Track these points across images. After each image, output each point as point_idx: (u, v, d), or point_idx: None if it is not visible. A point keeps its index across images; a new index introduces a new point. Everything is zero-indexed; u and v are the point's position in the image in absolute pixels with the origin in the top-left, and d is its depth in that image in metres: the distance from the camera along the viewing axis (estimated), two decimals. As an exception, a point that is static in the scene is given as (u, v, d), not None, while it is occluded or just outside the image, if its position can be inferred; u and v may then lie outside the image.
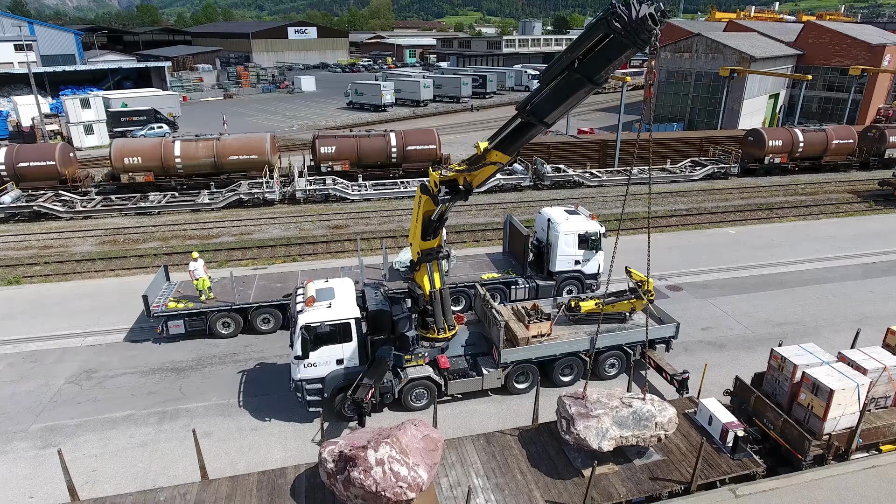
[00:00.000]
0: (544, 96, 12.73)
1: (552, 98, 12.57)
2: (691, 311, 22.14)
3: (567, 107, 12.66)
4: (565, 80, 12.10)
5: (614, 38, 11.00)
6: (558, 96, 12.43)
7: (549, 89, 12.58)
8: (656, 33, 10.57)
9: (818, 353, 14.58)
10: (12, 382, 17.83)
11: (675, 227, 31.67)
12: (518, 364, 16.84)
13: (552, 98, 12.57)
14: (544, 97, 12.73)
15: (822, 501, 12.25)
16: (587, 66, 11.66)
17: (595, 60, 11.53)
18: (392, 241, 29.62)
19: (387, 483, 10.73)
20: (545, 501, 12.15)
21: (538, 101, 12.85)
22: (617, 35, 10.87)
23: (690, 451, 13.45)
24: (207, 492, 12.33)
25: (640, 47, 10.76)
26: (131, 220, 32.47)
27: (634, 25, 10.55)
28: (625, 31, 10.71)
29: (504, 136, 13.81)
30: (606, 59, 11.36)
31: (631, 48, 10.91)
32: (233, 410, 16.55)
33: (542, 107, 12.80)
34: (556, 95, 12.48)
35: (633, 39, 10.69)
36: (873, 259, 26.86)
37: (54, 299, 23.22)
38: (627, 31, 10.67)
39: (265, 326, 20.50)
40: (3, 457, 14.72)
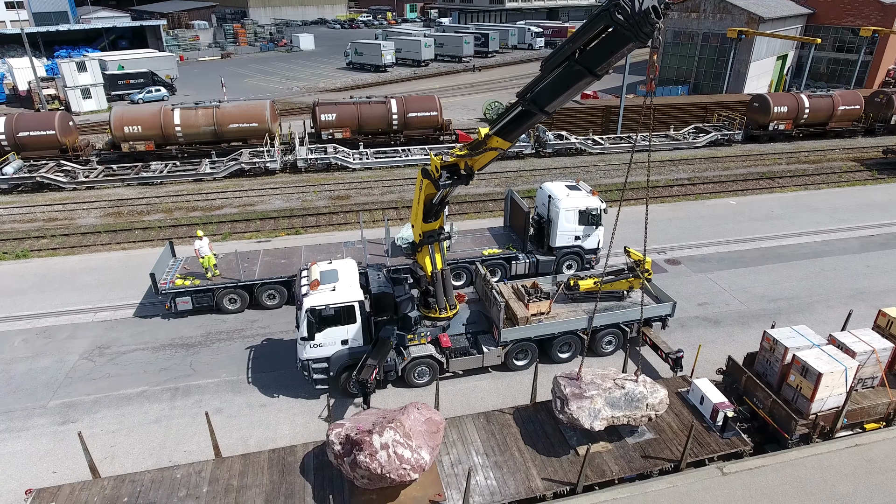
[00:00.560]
0: (545, 85, 12.69)
1: (553, 88, 12.55)
2: (689, 286, 22.52)
3: (568, 97, 12.65)
4: (566, 70, 12.06)
5: (616, 30, 10.93)
6: (559, 86, 12.40)
7: (551, 79, 12.55)
8: (659, 27, 10.49)
9: (809, 335, 14.99)
10: (28, 359, 18.42)
11: (676, 197, 31.73)
12: (517, 342, 17.33)
13: (553, 88, 12.55)
14: (545, 86, 12.69)
15: (805, 479, 12.89)
16: (588, 58, 11.61)
17: (596, 52, 11.47)
18: (394, 212, 29.82)
19: (391, 465, 11.33)
20: (541, 479, 12.79)
21: (539, 90, 12.82)
22: (619, 27, 10.80)
23: (682, 429, 14.05)
24: (221, 469, 12.99)
25: (643, 41, 10.69)
26: (134, 190, 32.60)
27: (637, 18, 10.46)
28: (627, 24, 10.62)
29: (504, 122, 13.85)
30: (608, 52, 11.30)
31: (633, 41, 10.84)
32: (242, 387, 17.17)
33: (543, 96, 12.78)
34: (556, 85, 12.45)
35: (636, 32, 10.61)
36: (872, 232, 27.04)
37: (62, 274, 23.64)
38: (630, 23, 10.58)
39: (271, 302, 20.96)
40: (24, 433, 15.41)
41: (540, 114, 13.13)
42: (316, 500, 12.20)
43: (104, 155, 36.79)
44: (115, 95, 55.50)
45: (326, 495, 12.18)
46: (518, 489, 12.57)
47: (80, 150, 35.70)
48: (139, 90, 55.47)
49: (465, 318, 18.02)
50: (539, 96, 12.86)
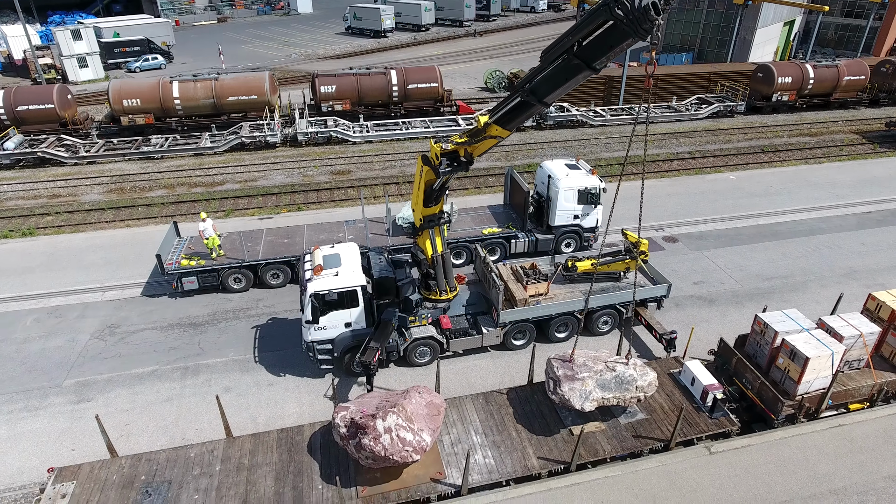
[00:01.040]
0: (544, 76, 12.76)
1: (551, 80, 12.62)
2: (685, 264, 22.89)
3: (566, 89, 12.74)
4: (564, 63, 12.11)
5: (616, 25, 10.97)
6: (557, 79, 12.48)
7: (550, 70, 12.61)
8: (658, 23, 10.52)
9: (799, 319, 15.44)
10: (41, 338, 18.98)
11: (676, 171, 31.79)
12: (516, 323, 17.82)
13: (551, 80, 12.62)
14: (544, 77, 12.77)
15: (788, 458, 13.52)
16: (586, 52, 11.66)
17: (595, 46, 11.52)
18: (394, 187, 29.98)
19: (394, 448, 11.93)
20: (537, 458, 13.44)
21: (538, 81, 12.90)
22: (619, 22, 10.84)
23: (672, 410, 14.64)
24: (232, 448, 13.64)
25: (642, 37, 10.75)
26: (135, 165, 32.69)
27: (637, 14, 10.49)
28: (627, 20, 10.65)
29: (504, 112, 13.97)
30: (606, 46, 11.36)
31: (632, 37, 10.90)
32: (249, 366, 17.75)
33: (542, 87, 12.87)
34: (555, 77, 12.53)
35: (635, 28, 10.65)
36: (869, 208, 27.24)
37: (69, 252, 24.03)
38: (630, 19, 10.61)
39: (275, 281, 21.39)
40: (42, 411, 16.07)
41: (538, 105, 13.25)
42: (323, 479, 12.87)
43: (104, 128, 36.68)
44: (111, 64, 54.81)
45: (333, 473, 12.83)
46: (515, 468, 13.21)
47: (79, 123, 35.61)
48: (136, 58, 54.79)
49: (465, 300, 18.45)
50: (538, 87, 12.96)
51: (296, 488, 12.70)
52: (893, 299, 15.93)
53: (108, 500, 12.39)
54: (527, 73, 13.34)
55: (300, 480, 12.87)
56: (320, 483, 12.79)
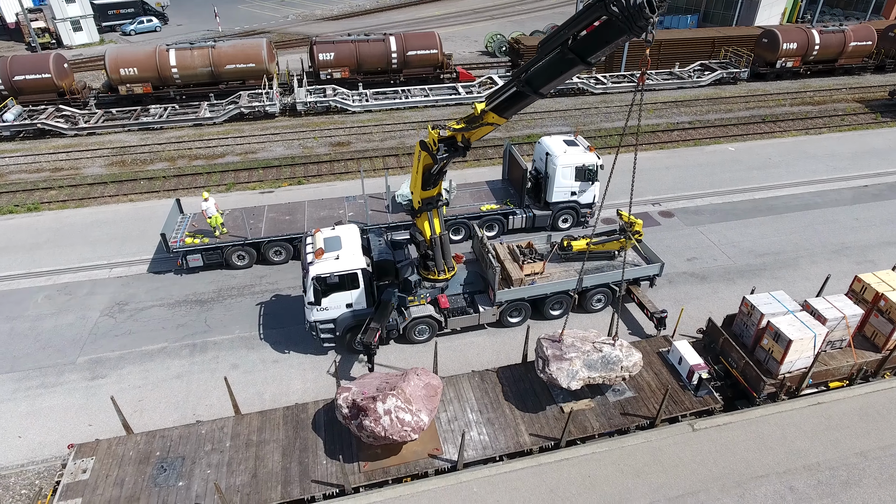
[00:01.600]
0: (540, 67, 12.87)
1: (547, 71, 12.74)
2: (680, 240, 23.29)
3: (560, 81, 12.89)
4: (559, 56, 12.22)
5: (610, 21, 11.04)
6: (552, 71, 12.60)
7: (545, 62, 12.71)
8: (653, 22, 10.60)
9: (785, 301, 15.95)
10: (52, 315, 19.63)
11: (676, 143, 31.79)
12: (512, 302, 18.38)
13: (547, 71, 12.74)
14: (540, 68, 12.87)
15: (767, 435, 14.27)
16: (581, 46, 11.75)
17: (589, 41, 11.61)
18: (394, 160, 30.11)
19: (394, 429, 12.66)
20: (529, 434, 14.20)
21: (534, 72, 13.02)
22: (614, 18, 10.91)
23: (659, 388, 15.33)
24: (241, 425, 14.41)
25: (637, 34, 10.83)
26: (135, 136, 32.74)
27: (632, 11, 10.55)
28: (622, 16, 10.72)
29: (500, 100, 14.13)
30: (601, 42, 11.45)
31: (626, 34, 10.99)
32: (255, 343, 18.43)
33: (538, 78, 12.99)
34: (550, 69, 12.64)
35: (630, 25, 10.73)
36: (866, 182, 27.41)
37: (75, 227, 24.46)
38: (625, 15, 10.68)
39: (277, 258, 21.89)
40: (59, 388, 16.84)
41: (534, 95, 13.41)
42: (327, 454, 13.67)
43: (102, 97, 36.52)
44: (105, 27, 53.88)
45: (336, 449, 13.63)
46: (508, 444, 14.00)
47: (77, 92, 35.45)
48: (130, 20, 53.79)
49: (463, 279, 18.96)
50: (533, 78, 13.08)
51: (302, 463, 13.51)
52: (878, 281, 16.40)
53: (126, 474, 13.23)
54: (524, 64, 13.44)
55: (306, 456, 13.67)
56: (325, 458, 13.59)
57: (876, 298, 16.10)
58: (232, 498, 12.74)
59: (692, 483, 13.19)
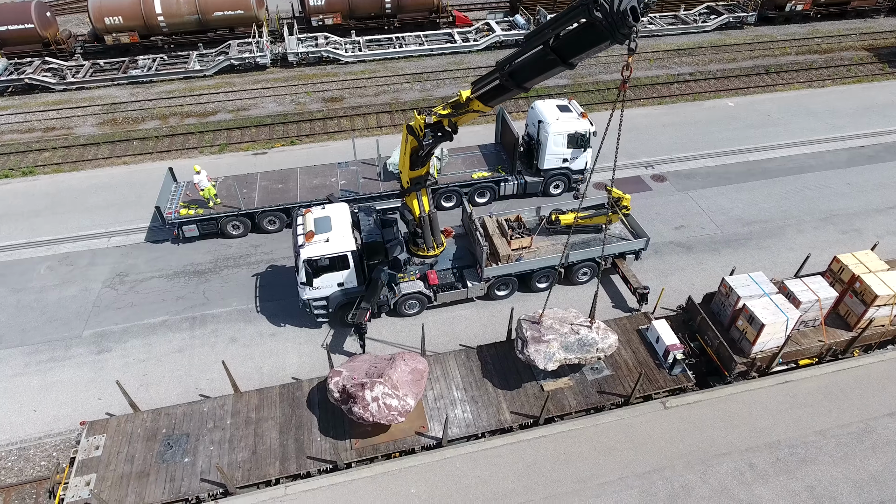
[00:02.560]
0: (523, 62, 12.67)
1: (528, 67, 12.56)
2: (670, 206, 23.46)
3: (544, 78, 12.75)
4: (541, 54, 12.02)
5: (593, 25, 10.82)
6: (534, 67, 12.43)
7: (528, 57, 12.51)
8: (636, 30, 10.38)
9: (763, 283, 16.38)
10: (56, 287, 20.30)
11: (675, 97, 31.17)
12: (499, 277, 18.90)
13: (528, 67, 12.56)
14: (522, 63, 12.68)
15: (734, 413, 15.17)
16: (562, 47, 11.56)
17: (571, 44, 11.41)
18: (387, 116, 29.77)
19: (381, 414, 13.55)
20: (510, 412, 15.13)
21: (517, 65, 12.83)
22: (597, 23, 10.68)
23: (636, 366, 16.12)
24: (241, 403, 15.37)
25: (619, 41, 10.62)
26: (125, 91, 32.21)
27: (616, 18, 10.32)
28: (605, 22, 10.49)
29: (485, 91, 14.00)
30: (582, 45, 11.27)
31: (608, 40, 10.80)
32: (252, 316, 19.16)
33: (521, 73, 12.83)
34: (532, 66, 12.46)
35: (613, 32, 10.52)
36: (863, 142, 27.11)
37: (70, 193, 24.70)
38: (608, 21, 10.45)
39: (271, 227, 22.26)
40: (67, 362, 17.75)
41: (517, 89, 13.29)
42: (321, 431, 14.67)
43: (88, 48, 35.56)
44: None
45: (329, 427, 14.64)
46: (490, 422, 14.95)
47: (62, 42, 34.50)
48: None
49: (452, 254, 19.39)
50: (517, 72, 12.91)
51: (298, 440, 14.54)
52: (856, 262, 16.79)
53: (136, 451, 14.30)
54: (508, 55, 13.22)
55: (301, 433, 14.69)
56: (319, 436, 14.61)
57: (852, 280, 16.55)
58: (234, 474, 13.85)
59: (660, 460, 14.21)
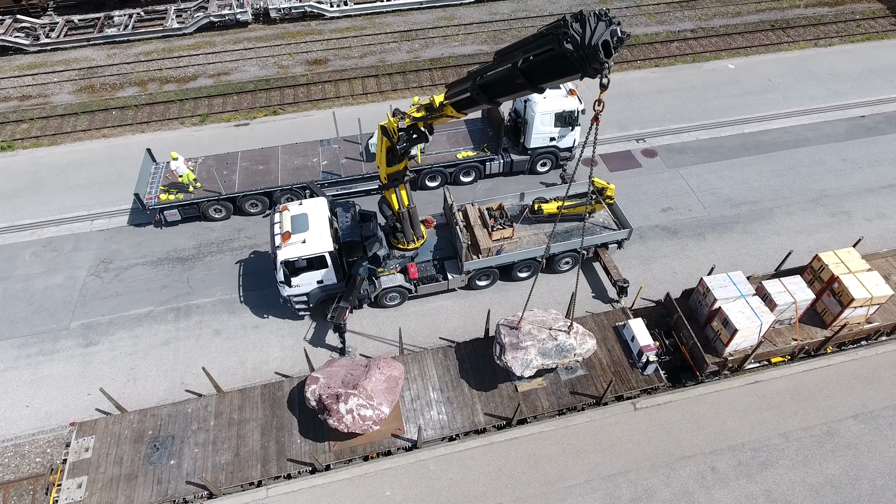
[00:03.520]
0: (493, 79, 12.08)
1: (499, 84, 11.99)
2: (659, 185, 23.04)
3: (513, 97, 12.23)
4: (510, 73, 11.42)
5: (563, 56, 10.18)
6: (503, 85, 11.87)
7: (497, 74, 11.90)
8: (609, 66, 9.69)
9: (740, 283, 16.34)
10: (42, 275, 20.43)
11: (674, 57, 29.82)
12: (480, 269, 18.90)
13: (499, 84, 11.99)
14: (493, 79, 12.09)
15: (702, 414, 15.60)
16: (531, 72, 10.96)
17: (539, 70, 10.81)
18: (373, 81, 28.73)
19: (356, 425, 13.99)
20: (484, 414, 15.58)
21: (488, 80, 12.25)
22: (567, 55, 10.05)
23: (610, 365, 16.42)
24: (224, 403, 15.85)
25: (590, 75, 10.01)
26: (101, 52, 30.98)
27: (587, 52, 9.67)
28: (576, 55, 9.86)
29: (458, 99, 13.47)
30: (552, 74, 10.68)
31: (579, 73, 10.20)
32: (236, 306, 19.37)
33: (491, 88, 12.26)
34: (501, 83, 11.89)
35: (583, 67, 9.90)
36: (864, 111, 26.17)
37: (52, 170, 24.34)
38: (579, 54, 9.81)
39: (254, 210, 22.05)
40: (56, 355, 18.17)
41: (489, 103, 12.77)
42: (301, 433, 15.21)
43: (60, 2, 33.82)
44: None
45: (309, 429, 15.16)
46: (464, 423, 15.43)
47: (34, -3, 32.86)
48: None
49: (433, 245, 19.30)
50: (487, 86, 12.36)
51: (279, 442, 15.11)
52: (837, 262, 16.67)
53: (124, 453, 14.91)
54: (480, 67, 12.59)
55: (282, 435, 15.24)
56: (299, 437, 15.16)
57: (831, 280, 16.51)
58: (218, 476, 14.51)
59: (626, 462, 14.78)
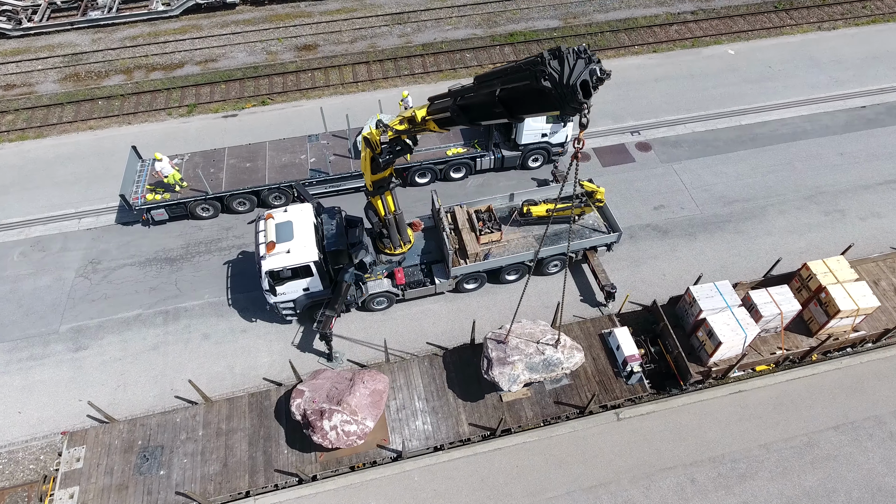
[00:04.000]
0: (473, 102, 11.75)
1: (478, 109, 11.68)
2: (652, 181, 22.73)
3: (494, 123, 11.91)
4: (489, 101, 11.08)
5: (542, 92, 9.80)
6: (482, 111, 11.57)
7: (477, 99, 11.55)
8: (588, 106, 9.35)
9: (727, 294, 16.26)
10: (30, 276, 20.42)
11: (672, 42, 29.00)
12: (468, 274, 18.83)
13: (478, 109, 11.68)
14: (473, 103, 11.76)
15: (684, 425, 15.76)
16: (510, 103, 10.64)
17: (518, 102, 10.49)
18: (364, 68, 28.08)
19: (340, 441, 14.18)
20: (468, 424, 15.75)
21: (469, 103, 11.91)
22: (546, 91, 9.69)
23: (595, 374, 16.52)
24: (211, 413, 16.05)
25: (569, 114, 9.69)
26: (86, 37, 30.23)
27: (565, 91, 9.33)
28: (555, 93, 9.52)
29: (438, 118, 13.17)
30: (530, 108, 10.37)
31: (558, 110, 9.88)
32: (224, 310, 19.40)
33: (470, 111, 11.96)
34: (480, 108, 11.58)
35: (562, 105, 9.56)
36: (865, 101, 25.57)
37: (38, 165, 24.07)
38: (557, 92, 9.47)
39: (242, 208, 21.86)
40: (47, 360, 18.30)
41: (468, 125, 12.49)
42: (288, 443, 15.44)
43: (42, -19, 32.86)
44: None
45: (296, 439, 15.37)
46: (448, 434, 15.63)
47: (14, -24, 31.84)
48: None
49: (421, 248, 19.18)
50: (467, 109, 12.05)
51: (266, 452, 15.35)
52: (825, 272, 16.56)
53: (114, 463, 15.19)
54: (460, 87, 12.24)
55: (269, 445, 15.47)
56: (286, 448, 15.40)
57: (819, 289, 16.43)
58: (206, 487, 14.81)
59: (607, 474, 15.01)
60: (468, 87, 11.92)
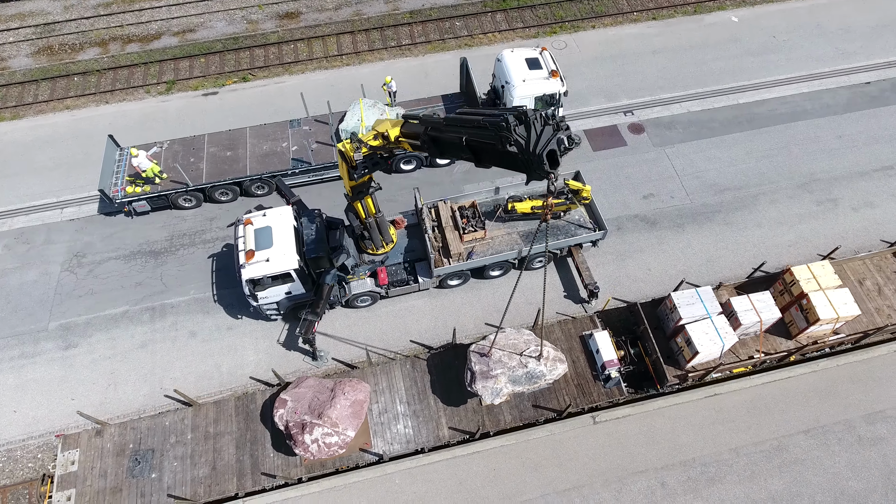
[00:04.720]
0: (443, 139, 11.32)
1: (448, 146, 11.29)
2: (643, 167, 22.21)
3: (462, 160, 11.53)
4: (458, 143, 10.68)
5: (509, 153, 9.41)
6: (451, 150, 11.18)
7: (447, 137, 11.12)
8: (554, 175, 9.00)
9: (708, 301, 16.28)
10: (16, 270, 20.46)
11: (674, 8, 27.54)
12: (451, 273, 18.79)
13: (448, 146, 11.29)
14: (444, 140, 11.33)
15: (657, 429, 16.16)
16: (478, 152, 10.25)
17: (486, 153, 10.11)
18: (349, 38, 26.89)
19: (322, 452, 14.65)
20: (448, 428, 16.19)
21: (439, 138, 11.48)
22: (512, 155, 9.32)
23: (574, 378, 16.80)
24: (199, 416, 16.51)
25: (536, 179, 9.35)
26: (57, 4, 28.82)
27: (531, 158, 8.98)
28: (521, 157, 9.16)
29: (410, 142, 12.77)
30: (497, 162, 10.01)
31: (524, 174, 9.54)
32: (210, 306, 19.53)
33: (441, 146, 11.56)
34: (450, 147, 11.19)
35: (528, 171, 9.23)
36: (870, 77, 24.52)
37: (16, 149, 23.59)
38: (524, 158, 9.11)
39: (224, 198, 21.58)
40: (38, 358, 18.65)
41: (438, 157, 12.12)
42: (274, 447, 15.96)
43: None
44: None
45: (281, 443, 15.89)
46: (429, 437, 16.10)
47: (-23, -67, 30.01)
48: None
49: (404, 247, 19.03)
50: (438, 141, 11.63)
51: (252, 456, 15.91)
52: (808, 278, 16.48)
53: (108, 466, 15.80)
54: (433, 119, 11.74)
55: (256, 448, 16.01)
56: (272, 451, 15.94)
57: (801, 295, 16.40)
58: (196, 490, 15.45)
59: (580, 477, 15.56)
60: (439, 122, 11.48)
